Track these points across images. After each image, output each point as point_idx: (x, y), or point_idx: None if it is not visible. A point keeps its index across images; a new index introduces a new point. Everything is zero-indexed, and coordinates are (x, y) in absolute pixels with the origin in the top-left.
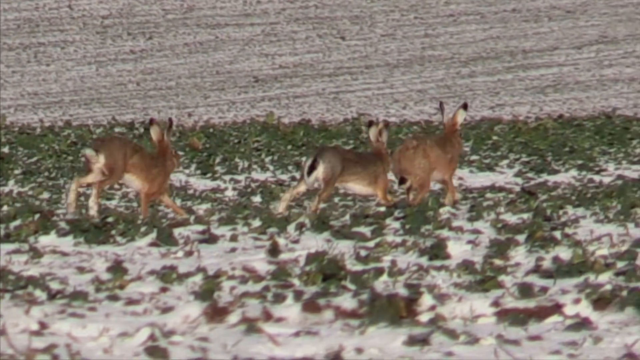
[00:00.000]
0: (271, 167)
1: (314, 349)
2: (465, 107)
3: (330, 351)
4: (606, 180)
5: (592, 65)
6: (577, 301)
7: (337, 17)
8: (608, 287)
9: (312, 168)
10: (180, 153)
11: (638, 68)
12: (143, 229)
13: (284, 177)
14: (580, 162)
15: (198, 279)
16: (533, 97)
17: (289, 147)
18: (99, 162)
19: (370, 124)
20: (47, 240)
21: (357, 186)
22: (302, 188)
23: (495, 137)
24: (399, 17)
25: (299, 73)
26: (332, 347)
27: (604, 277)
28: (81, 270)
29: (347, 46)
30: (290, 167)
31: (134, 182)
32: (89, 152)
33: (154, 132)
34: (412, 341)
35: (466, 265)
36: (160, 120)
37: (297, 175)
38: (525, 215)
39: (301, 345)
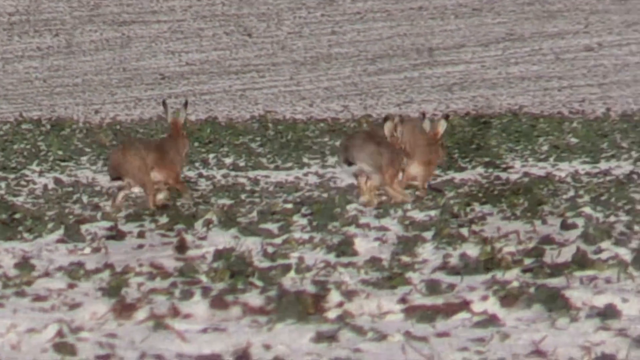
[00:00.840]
0: None
1: (222, 346)
2: (447, 117)
3: (238, 347)
4: (513, 177)
5: (499, 63)
6: (484, 298)
7: (244, 14)
8: (515, 284)
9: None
10: (87, 150)
11: (544, 66)
12: (50, 225)
13: (191, 173)
14: (487, 159)
15: (105, 275)
16: (440, 94)
17: (196, 144)
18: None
19: (385, 119)
20: None
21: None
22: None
23: None
24: (306, 15)
25: (206, 70)
26: (239, 344)
27: (512, 274)
28: None
29: (254, 44)
30: (197, 164)
31: (159, 176)
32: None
33: (169, 114)
34: (319, 338)
35: (373, 262)
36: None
37: (204, 171)
38: (432, 213)
39: (209, 341)
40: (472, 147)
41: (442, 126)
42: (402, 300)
